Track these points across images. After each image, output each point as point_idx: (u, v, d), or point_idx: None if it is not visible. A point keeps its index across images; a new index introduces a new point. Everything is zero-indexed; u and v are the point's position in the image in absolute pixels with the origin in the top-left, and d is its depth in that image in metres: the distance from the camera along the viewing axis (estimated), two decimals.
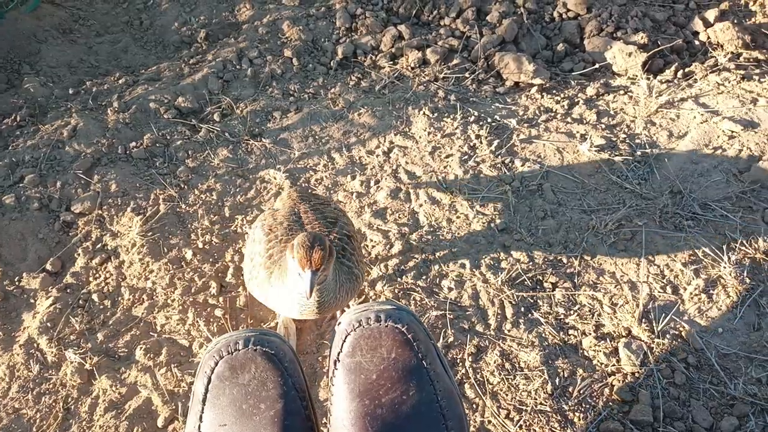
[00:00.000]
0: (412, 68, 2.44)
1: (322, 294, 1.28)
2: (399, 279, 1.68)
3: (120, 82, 2.42)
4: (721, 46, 2.48)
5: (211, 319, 1.61)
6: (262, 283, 1.38)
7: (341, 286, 1.34)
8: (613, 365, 1.46)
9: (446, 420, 1.04)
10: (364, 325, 1.06)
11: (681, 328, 1.53)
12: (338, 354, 1.07)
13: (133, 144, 2.12)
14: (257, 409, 1.02)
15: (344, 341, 1.06)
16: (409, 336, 1.05)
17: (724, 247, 1.70)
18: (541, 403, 1.40)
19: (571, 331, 1.55)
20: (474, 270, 1.69)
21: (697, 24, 2.56)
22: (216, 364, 1.04)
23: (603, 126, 2.14)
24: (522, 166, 2.00)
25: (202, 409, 1.04)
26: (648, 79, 2.34)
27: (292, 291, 1.28)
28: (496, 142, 2.07)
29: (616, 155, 2.01)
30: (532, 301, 1.62)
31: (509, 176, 1.96)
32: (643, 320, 1.55)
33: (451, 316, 1.58)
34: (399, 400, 1.03)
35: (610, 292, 1.63)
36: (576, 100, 2.28)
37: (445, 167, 2.00)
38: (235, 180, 2.01)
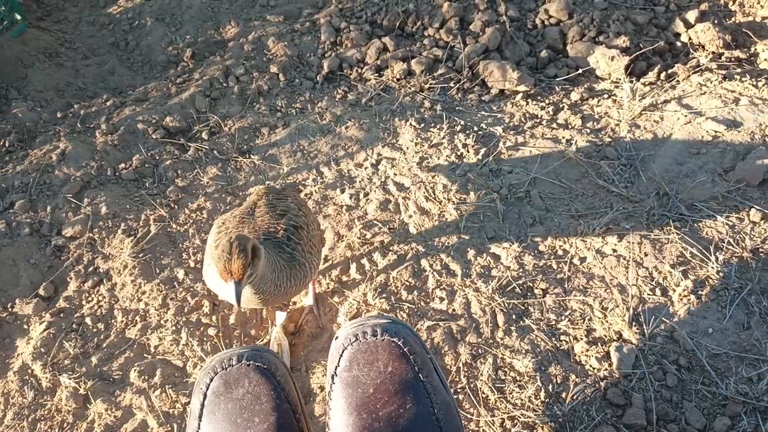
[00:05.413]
0: (398, 80, 2.45)
1: (259, 287, 1.29)
2: (391, 290, 1.69)
3: (108, 104, 2.43)
4: (703, 47, 2.51)
5: (205, 339, 1.61)
6: (209, 273, 1.39)
7: (281, 272, 1.34)
8: (606, 370, 1.47)
9: None
10: (360, 340, 1.08)
11: (671, 330, 1.54)
12: (335, 368, 1.09)
13: (122, 165, 2.12)
14: (251, 422, 1.04)
15: (341, 356, 1.09)
16: (405, 349, 1.07)
17: (712, 247, 1.71)
18: (534, 411, 1.41)
19: (562, 337, 1.56)
20: (465, 279, 1.70)
21: (678, 25, 2.58)
22: (211, 380, 1.07)
23: (588, 130, 2.16)
24: (509, 173, 2.01)
25: (199, 425, 1.07)
26: (631, 82, 2.36)
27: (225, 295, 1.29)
28: (483, 151, 2.08)
29: (602, 159, 2.02)
30: (523, 308, 1.63)
31: (497, 184, 1.97)
32: (634, 323, 1.56)
33: (444, 326, 1.59)
34: (396, 414, 1.04)
35: (600, 297, 1.64)
36: (561, 105, 2.30)
37: (433, 177, 2.01)
38: (225, 198, 2.02)
